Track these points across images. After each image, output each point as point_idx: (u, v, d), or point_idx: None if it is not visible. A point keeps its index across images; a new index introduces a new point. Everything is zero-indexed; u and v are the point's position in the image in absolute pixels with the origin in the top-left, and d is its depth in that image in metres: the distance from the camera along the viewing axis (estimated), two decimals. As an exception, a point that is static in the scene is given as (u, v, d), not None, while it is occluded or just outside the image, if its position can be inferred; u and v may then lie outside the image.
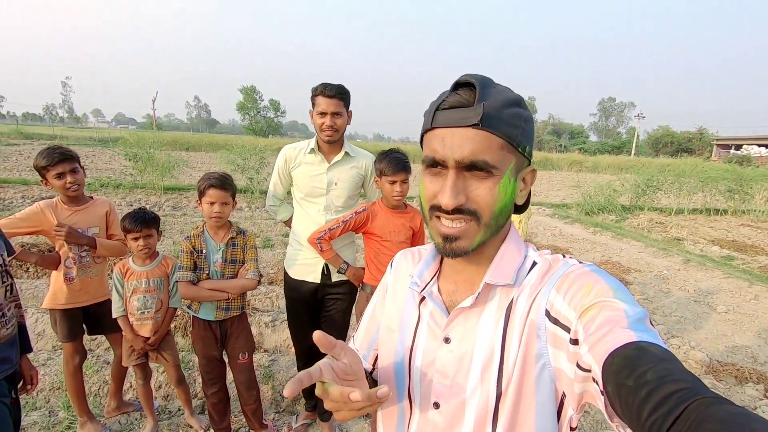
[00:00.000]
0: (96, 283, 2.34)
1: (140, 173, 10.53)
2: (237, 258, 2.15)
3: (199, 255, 2.09)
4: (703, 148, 51.59)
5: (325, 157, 2.26)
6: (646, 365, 0.45)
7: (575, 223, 9.75)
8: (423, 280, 0.77)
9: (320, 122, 2.14)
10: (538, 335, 0.64)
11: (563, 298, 0.62)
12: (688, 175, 11.95)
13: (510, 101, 0.64)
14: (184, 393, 2.47)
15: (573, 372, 0.58)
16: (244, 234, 2.20)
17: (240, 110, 60.97)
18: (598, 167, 30.75)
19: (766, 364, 3.57)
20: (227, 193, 2.06)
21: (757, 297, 5.21)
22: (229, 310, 2.16)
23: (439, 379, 0.72)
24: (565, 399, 0.64)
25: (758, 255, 7.33)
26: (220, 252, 2.11)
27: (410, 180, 2.20)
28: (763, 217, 11.15)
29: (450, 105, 0.64)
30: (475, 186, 0.65)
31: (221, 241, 2.12)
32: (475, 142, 0.62)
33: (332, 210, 2.26)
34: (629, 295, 0.57)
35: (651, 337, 0.50)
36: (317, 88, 2.13)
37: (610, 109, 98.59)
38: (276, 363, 3.12)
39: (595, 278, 0.61)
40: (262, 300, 4.14)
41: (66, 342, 2.30)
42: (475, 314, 0.70)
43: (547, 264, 0.69)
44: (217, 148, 20.15)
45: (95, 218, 2.31)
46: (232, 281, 2.12)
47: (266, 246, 6.12)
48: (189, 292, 2.06)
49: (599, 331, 0.53)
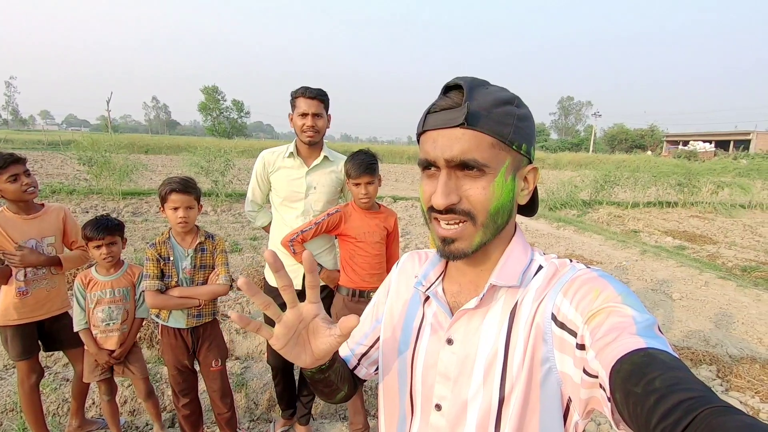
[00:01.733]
0: (53, 295, 2.20)
1: (96, 178, 10.00)
2: (207, 263, 2.09)
3: (167, 262, 2.01)
4: (655, 144, 54.54)
5: (304, 161, 2.24)
6: (654, 372, 0.45)
7: (539, 219, 10.07)
8: (428, 281, 0.77)
9: (301, 123, 2.13)
10: (544, 339, 0.63)
11: (570, 303, 0.61)
12: (642, 170, 12.61)
13: (501, 100, 0.64)
14: (154, 406, 2.37)
15: (579, 377, 0.57)
16: (213, 238, 2.14)
17: (202, 111, 59.21)
18: (559, 164, 31.88)
19: (718, 346, 3.82)
20: (191, 196, 1.99)
21: (707, 283, 5.56)
22: (201, 316, 2.10)
23: (441, 380, 0.72)
24: (570, 404, 0.63)
25: (706, 244, 7.83)
26: (189, 258, 2.04)
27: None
28: (710, 209, 11.90)
29: (440, 108, 0.65)
30: (468, 186, 0.65)
31: (189, 246, 2.05)
32: (462, 141, 0.63)
33: (310, 214, 2.24)
34: (638, 301, 0.57)
35: (660, 344, 0.49)
36: (297, 90, 2.14)
37: (569, 107, 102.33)
38: (249, 370, 3.05)
39: (603, 283, 0.61)
40: (232, 306, 4.03)
41: (20, 360, 2.15)
42: (479, 316, 0.70)
43: (554, 268, 0.69)
44: (179, 150, 19.46)
45: (50, 227, 2.17)
46: (202, 287, 2.06)
47: (234, 251, 5.97)
48: (157, 301, 1.98)
49: (607, 337, 0.52)
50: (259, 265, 5.19)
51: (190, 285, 2.05)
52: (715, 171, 13.42)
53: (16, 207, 2.09)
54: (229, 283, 2.10)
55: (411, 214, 9.50)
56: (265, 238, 6.30)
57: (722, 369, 3.39)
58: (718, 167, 14.01)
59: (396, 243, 2.37)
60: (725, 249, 7.49)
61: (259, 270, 4.89)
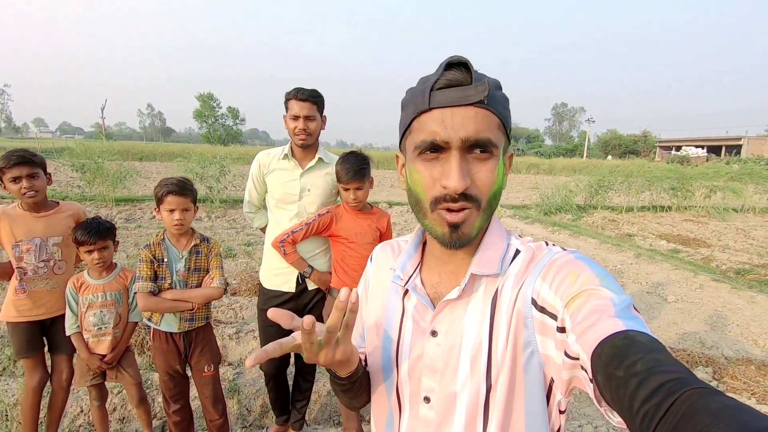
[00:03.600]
0: (54, 296, 2.14)
1: (89, 185, 9.94)
2: (201, 266, 2.06)
3: (160, 264, 1.98)
4: (648, 149, 55.06)
5: (299, 162, 2.23)
6: (635, 355, 0.45)
7: (535, 223, 10.10)
8: (406, 273, 0.75)
9: (293, 126, 2.11)
10: (525, 324, 0.63)
11: (549, 287, 0.61)
12: (635, 175, 12.70)
13: (497, 84, 0.64)
14: (145, 413, 2.32)
15: (561, 359, 0.58)
16: (208, 241, 2.11)
17: (197, 118, 59.10)
18: (554, 169, 32.07)
19: (713, 348, 3.82)
20: (187, 198, 1.97)
21: (701, 286, 5.58)
22: (193, 320, 2.06)
23: (428, 373, 0.71)
24: (553, 384, 0.64)
25: (700, 247, 7.87)
26: (183, 260, 2.01)
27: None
28: (703, 213, 11.98)
29: (447, 84, 0.61)
30: (477, 168, 0.63)
31: (184, 248, 2.03)
32: (477, 120, 0.60)
33: (304, 216, 2.22)
34: (615, 283, 0.58)
35: (638, 325, 0.50)
36: (290, 92, 2.12)
37: (563, 114, 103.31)
38: (242, 376, 3.01)
39: (581, 266, 0.61)
40: (225, 312, 3.99)
41: (19, 358, 2.14)
42: (462, 306, 0.69)
43: (531, 252, 0.69)
44: (173, 157, 19.39)
45: (58, 227, 2.12)
46: (196, 290, 2.03)
47: (228, 256, 5.93)
48: (149, 304, 1.94)
49: (587, 320, 0.52)
50: (253, 270, 5.15)
51: (183, 288, 2.01)
52: (708, 175, 13.56)
53: (26, 205, 2.07)
54: (223, 286, 2.06)
55: (407, 219, 9.49)
56: (259, 243, 6.27)
57: (718, 371, 3.39)
58: (710, 172, 14.15)
59: None
60: (719, 252, 7.52)
61: (254, 275, 4.85)
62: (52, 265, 2.12)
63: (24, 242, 2.04)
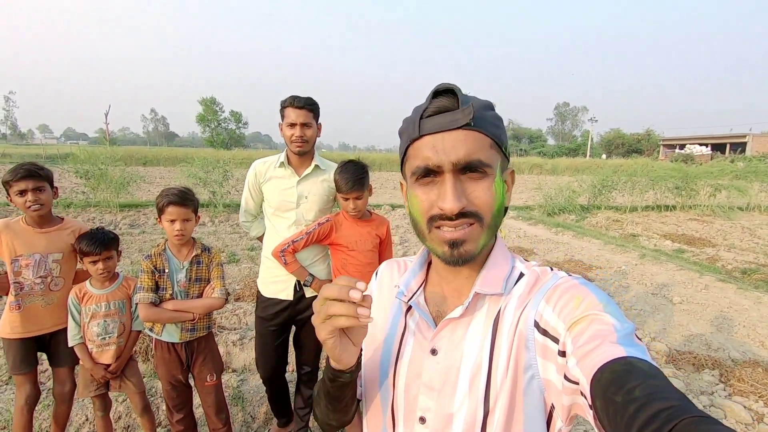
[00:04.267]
0: (49, 311, 2.13)
1: (93, 191, 10.00)
2: (202, 276, 2.07)
3: (161, 274, 1.99)
4: (651, 148, 54.80)
5: (295, 170, 2.23)
6: (634, 381, 0.45)
7: (538, 224, 10.06)
8: (410, 290, 0.76)
9: (290, 134, 2.13)
10: (527, 346, 0.63)
11: (552, 310, 0.62)
12: (639, 174, 12.64)
13: (487, 105, 0.67)
14: (149, 422, 2.33)
15: (561, 383, 0.58)
16: (210, 251, 2.11)
17: (200, 122, 59.38)
18: (557, 169, 31.98)
19: (720, 350, 3.78)
20: (188, 209, 1.98)
21: (707, 287, 5.53)
22: (194, 330, 2.06)
23: (425, 391, 0.70)
24: (554, 411, 0.63)
25: (705, 247, 7.82)
26: (184, 270, 2.02)
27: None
28: (708, 212, 11.91)
29: (435, 111, 0.64)
30: (472, 188, 0.64)
31: (185, 259, 2.03)
32: (467, 142, 0.63)
33: (302, 224, 2.23)
34: (618, 310, 0.58)
35: (639, 353, 0.50)
36: (286, 100, 2.13)
37: (566, 113, 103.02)
38: (245, 383, 3.01)
39: (585, 291, 0.61)
40: (229, 318, 4.00)
41: (13, 374, 2.14)
42: (463, 325, 0.69)
43: (535, 275, 0.69)
44: (177, 161, 19.44)
45: (60, 243, 2.10)
46: (197, 300, 2.03)
47: (231, 261, 5.95)
48: (151, 314, 1.95)
49: (588, 345, 0.53)
50: (256, 275, 5.14)
51: (184, 298, 2.02)
52: (713, 174, 13.46)
53: (30, 219, 2.07)
54: (224, 296, 2.06)
55: (409, 221, 9.48)
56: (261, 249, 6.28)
57: (725, 373, 3.36)
58: (715, 170, 14.05)
59: (389, 250, 2.36)
60: (724, 252, 7.47)
61: (257, 280, 4.85)
62: (49, 281, 2.09)
63: (24, 257, 2.03)
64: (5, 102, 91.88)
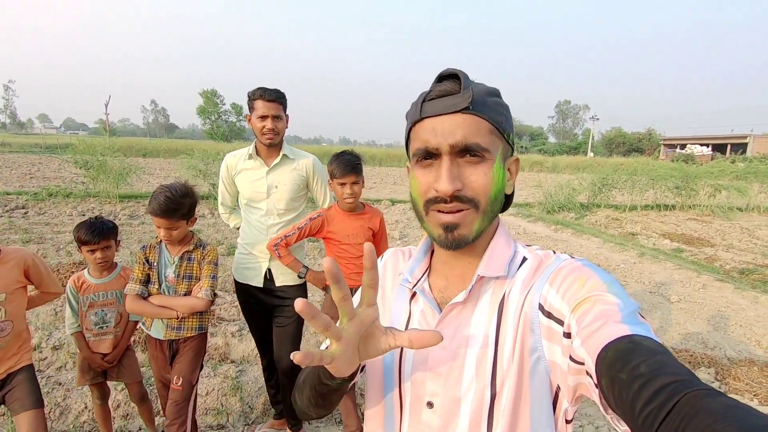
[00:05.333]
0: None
1: (92, 181, 9.98)
2: (192, 273, 1.99)
3: (152, 267, 1.95)
4: (652, 147, 54.71)
5: (264, 161, 2.25)
6: (639, 358, 0.45)
7: (538, 222, 10.07)
8: (414, 277, 0.76)
9: (260, 126, 2.14)
10: (532, 329, 0.64)
11: (557, 292, 0.62)
12: (639, 173, 12.64)
13: (491, 91, 0.67)
14: (147, 411, 2.34)
15: (566, 365, 0.58)
16: (204, 247, 2.03)
17: (200, 115, 59.21)
18: (557, 167, 31.94)
19: (716, 348, 3.80)
20: (171, 219, 1.87)
21: (704, 286, 5.55)
22: (181, 329, 1.98)
23: (432, 377, 0.70)
24: (559, 392, 0.64)
25: (704, 247, 7.83)
26: (174, 266, 1.96)
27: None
28: (707, 212, 11.91)
29: (438, 95, 0.65)
30: (469, 172, 0.65)
31: (176, 254, 1.98)
32: (465, 126, 0.63)
33: (274, 214, 2.26)
34: (623, 290, 0.58)
35: (644, 331, 0.50)
36: (255, 92, 2.13)
37: (567, 111, 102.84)
38: (244, 374, 3.02)
39: (589, 272, 0.62)
40: (228, 309, 4.01)
41: None
42: (468, 310, 0.70)
43: (538, 259, 0.70)
44: (176, 153, 19.43)
45: (2, 281, 1.74)
46: (179, 299, 1.95)
47: (230, 253, 5.94)
48: (135, 307, 1.92)
49: (592, 325, 0.53)
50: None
51: (172, 294, 1.96)
52: (713, 174, 13.47)
53: None
54: (209, 297, 1.95)
55: (409, 216, 9.48)
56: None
57: (721, 371, 3.38)
58: (715, 170, 14.07)
59: (384, 242, 2.38)
60: (723, 252, 7.48)
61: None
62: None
63: None
64: (5, 91, 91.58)
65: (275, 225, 2.25)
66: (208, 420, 2.63)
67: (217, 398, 2.75)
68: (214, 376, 2.92)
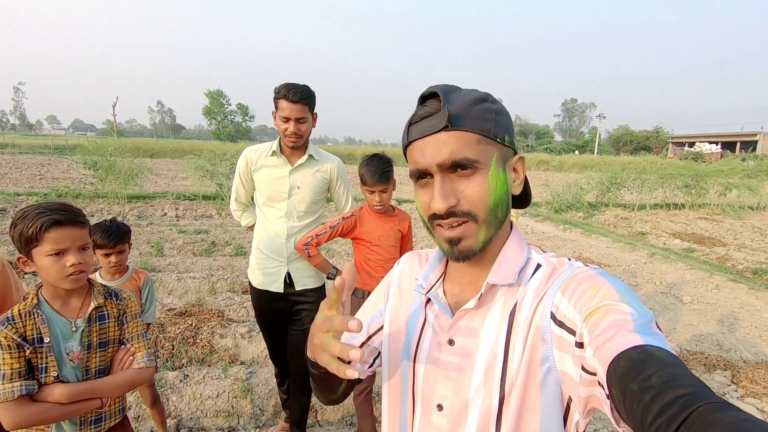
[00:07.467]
0: None
1: (101, 182, 10.07)
2: (109, 337, 1.34)
3: (38, 348, 1.22)
4: (660, 146, 54.23)
5: (288, 159, 2.15)
6: (651, 369, 0.45)
7: (546, 221, 10.01)
8: (429, 283, 0.78)
9: (284, 128, 2.02)
10: (543, 338, 0.64)
11: (569, 301, 0.62)
12: (648, 172, 12.52)
13: (476, 99, 0.67)
14: (159, 413, 2.34)
15: (578, 375, 0.57)
16: (117, 297, 1.39)
17: (206, 115, 59.57)
18: (564, 166, 31.78)
19: (731, 350, 3.74)
20: (84, 230, 1.26)
21: (717, 286, 5.48)
22: (102, 421, 1.37)
23: (442, 380, 0.72)
24: (571, 403, 0.64)
25: (715, 246, 7.73)
26: (79, 333, 1.28)
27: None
28: (718, 210, 11.78)
29: (420, 117, 0.67)
30: (464, 186, 0.66)
31: (77, 315, 1.29)
32: (450, 143, 0.65)
33: (294, 215, 2.17)
34: (636, 299, 0.57)
35: (657, 341, 0.49)
36: (280, 90, 1.97)
37: (573, 109, 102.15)
38: (254, 375, 3.01)
39: (602, 281, 0.61)
40: (237, 310, 4.00)
41: None
42: (480, 316, 0.71)
43: (552, 266, 0.69)
44: (183, 154, 19.52)
45: None
46: (108, 379, 1.31)
47: (239, 254, 5.96)
48: (25, 417, 1.18)
49: (604, 335, 0.52)
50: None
51: (81, 378, 1.28)
52: (723, 172, 13.30)
53: None
54: (152, 364, 1.40)
55: (415, 216, 9.47)
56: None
57: (737, 374, 3.32)
58: (725, 168, 13.89)
59: (410, 245, 2.38)
60: (735, 251, 7.39)
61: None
62: None
63: None
64: (14, 93, 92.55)
65: (294, 228, 2.16)
66: (219, 422, 2.62)
67: (227, 400, 2.75)
68: (224, 378, 2.91)
